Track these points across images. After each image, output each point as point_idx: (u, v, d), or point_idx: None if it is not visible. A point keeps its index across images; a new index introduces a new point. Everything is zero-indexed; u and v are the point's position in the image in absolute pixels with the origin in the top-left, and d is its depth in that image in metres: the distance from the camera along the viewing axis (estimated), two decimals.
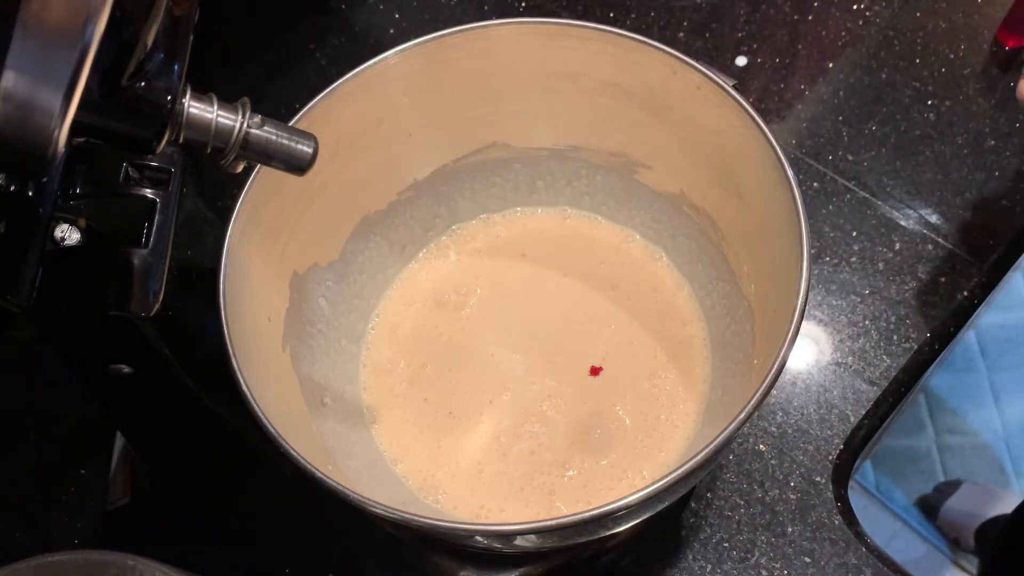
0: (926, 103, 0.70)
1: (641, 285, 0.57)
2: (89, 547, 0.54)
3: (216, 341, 0.42)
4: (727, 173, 0.50)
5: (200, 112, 0.35)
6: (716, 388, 0.52)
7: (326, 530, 0.56)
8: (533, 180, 0.59)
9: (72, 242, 0.41)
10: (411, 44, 0.50)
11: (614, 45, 0.49)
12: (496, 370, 0.55)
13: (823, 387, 0.59)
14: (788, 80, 0.73)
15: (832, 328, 0.61)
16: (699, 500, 0.55)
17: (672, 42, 0.74)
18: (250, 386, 0.41)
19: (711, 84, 0.47)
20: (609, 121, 0.54)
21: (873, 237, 0.64)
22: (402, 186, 0.56)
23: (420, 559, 0.56)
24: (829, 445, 0.56)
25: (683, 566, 0.54)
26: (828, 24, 0.75)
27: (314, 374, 0.51)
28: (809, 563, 0.53)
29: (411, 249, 0.59)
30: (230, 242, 0.44)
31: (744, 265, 0.51)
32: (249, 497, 0.58)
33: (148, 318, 0.42)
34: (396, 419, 0.54)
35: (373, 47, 0.61)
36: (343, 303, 0.55)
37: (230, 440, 0.55)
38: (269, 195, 0.47)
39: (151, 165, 0.45)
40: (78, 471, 0.59)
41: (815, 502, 0.55)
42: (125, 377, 0.46)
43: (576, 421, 0.53)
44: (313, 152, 0.38)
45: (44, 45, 0.26)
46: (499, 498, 0.51)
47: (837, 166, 0.67)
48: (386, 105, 0.52)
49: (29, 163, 0.28)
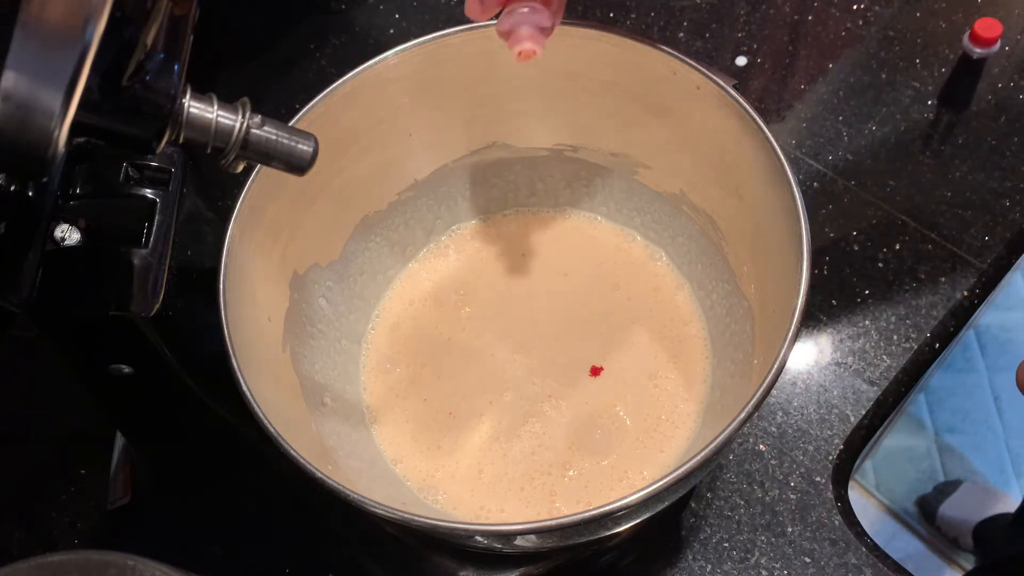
0: (926, 103, 0.70)
1: (641, 285, 0.57)
2: (89, 547, 0.54)
3: (216, 341, 0.42)
4: (727, 173, 0.50)
5: (200, 112, 0.35)
6: (716, 388, 0.52)
7: (326, 530, 0.56)
8: (533, 180, 0.59)
9: (72, 242, 0.41)
10: (411, 44, 0.50)
11: (614, 45, 0.49)
12: (496, 370, 0.55)
13: (823, 387, 0.59)
14: (788, 80, 0.73)
15: (832, 328, 0.61)
16: (699, 500, 0.55)
17: (672, 42, 0.74)
18: (250, 386, 0.41)
19: (711, 84, 0.47)
20: (609, 121, 0.54)
21: (873, 237, 0.64)
22: (402, 186, 0.56)
23: (420, 559, 0.56)
24: (829, 445, 0.56)
25: (683, 566, 0.54)
26: (828, 24, 0.75)
27: (314, 374, 0.51)
28: (809, 563, 0.53)
29: (411, 249, 0.59)
30: (230, 242, 0.44)
31: (744, 265, 0.51)
32: (249, 497, 0.58)
33: (148, 318, 0.42)
34: (396, 419, 0.54)
35: (373, 47, 0.61)
36: (343, 303, 0.55)
37: (230, 440, 0.55)
38: (269, 195, 0.47)
39: (151, 165, 0.45)
40: (78, 471, 0.59)
41: (815, 502, 0.55)
42: (125, 377, 0.46)
43: (576, 421, 0.53)
44: (313, 152, 0.38)
45: (44, 45, 0.26)
46: (499, 498, 0.51)
47: (837, 166, 0.67)
48: (386, 105, 0.52)
49: (29, 163, 0.28)
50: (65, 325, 0.43)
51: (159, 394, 0.50)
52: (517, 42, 0.41)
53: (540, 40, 0.41)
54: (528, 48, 0.41)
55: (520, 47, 0.41)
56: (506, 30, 0.42)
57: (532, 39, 0.41)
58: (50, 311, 0.41)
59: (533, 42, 0.41)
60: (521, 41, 0.41)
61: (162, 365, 0.46)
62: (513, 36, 0.41)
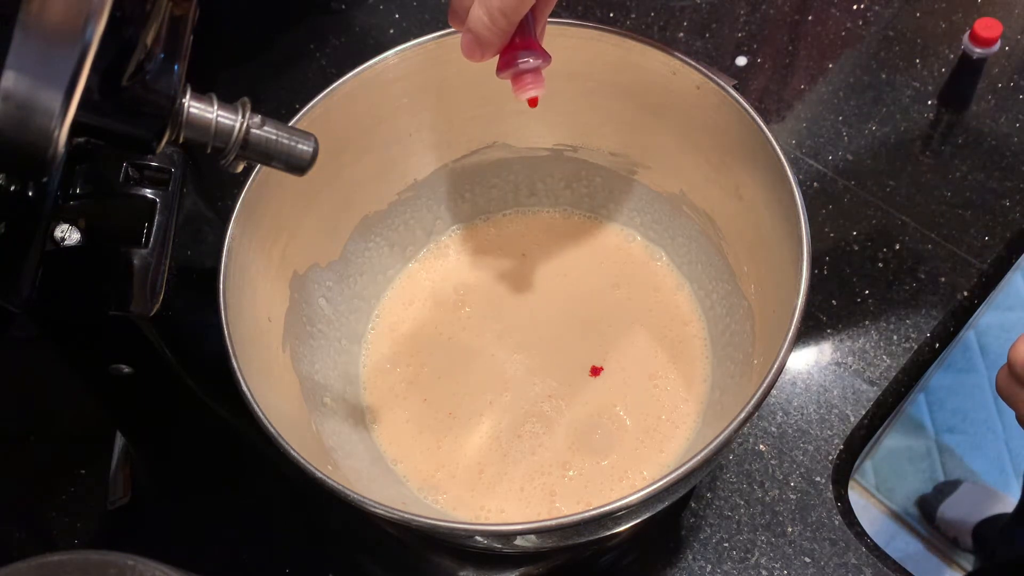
0: (926, 103, 0.70)
1: (641, 285, 0.57)
2: (89, 547, 0.54)
3: (216, 341, 0.42)
4: (727, 173, 0.50)
5: (200, 112, 0.35)
6: (716, 388, 0.52)
7: (326, 530, 0.56)
8: (533, 180, 0.59)
9: (72, 242, 0.41)
10: (411, 44, 0.50)
11: (614, 45, 0.49)
12: (496, 370, 0.55)
13: (823, 387, 0.59)
14: (788, 80, 0.73)
15: (832, 328, 0.61)
16: (699, 500, 0.55)
17: (672, 42, 0.74)
18: (250, 386, 0.41)
19: (711, 84, 0.47)
20: (609, 121, 0.54)
21: (873, 237, 0.64)
22: (402, 186, 0.56)
23: (420, 559, 0.56)
24: (829, 445, 0.56)
25: (683, 566, 0.54)
26: (828, 24, 0.75)
27: (314, 374, 0.51)
28: (809, 563, 0.53)
29: (411, 249, 0.59)
30: (230, 242, 0.44)
31: (744, 265, 0.51)
32: (249, 497, 0.58)
33: (148, 318, 0.42)
34: (396, 419, 0.54)
35: (373, 47, 0.61)
36: (343, 303, 0.55)
37: (230, 440, 0.55)
38: (269, 195, 0.47)
39: (151, 165, 0.45)
40: (78, 471, 0.59)
41: (815, 502, 0.55)
42: (125, 377, 0.46)
43: (576, 421, 0.53)
44: (313, 152, 0.38)
45: (44, 45, 0.26)
46: (499, 498, 0.51)
47: (837, 166, 0.67)
48: (386, 105, 0.52)
49: (29, 163, 0.28)
50: (65, 325, 0.43)
51: (159, 394, 0.50)
52: (523, 90, 0.43)
53: (541, 82, 0.43)
54: (534, 95, 0.43)
55: (526, 95, 0.43)
56: (509, 78, 0.43)
57: (536, 85, 0.42)
58: (50, 311, 0.41)
59: (537, 87, 0.43)
60: (526, 89, 0.42)
61: (162, 365, 0.46)
62: (518, 84, 0.43)
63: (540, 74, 0.43)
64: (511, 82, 0.43)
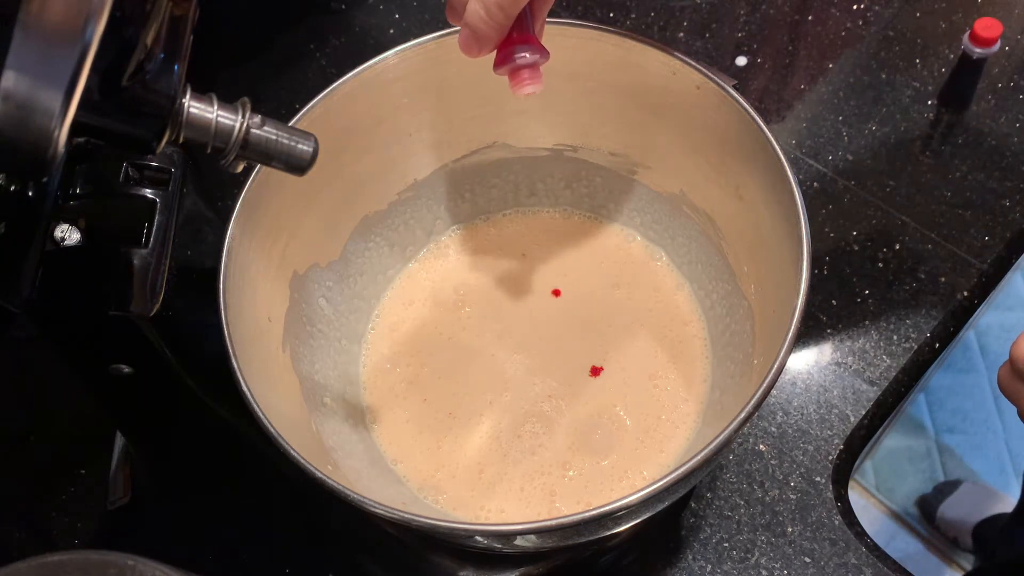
0: (926, 103, 0.70)
1: (641, 285, 0.57)
2: (89, 547, 0.54)
3: (216, 341, 0.42)
4: (727, 173, 0.50)
5: (200, 112, 0.35)
6: (716, 388, 0.52)
7: (326, 530, 0.56)
8: (533, 180, 0.59)
9: (72, 242, 0.41)
10: (411, 44, 0.50)
11: (614, 45, 0.49)
12: (496, 370, 0.55)
13: (823, 387, 0.59)
14: (788, 80, 0.73)
15: (832, 328, 0.61)
16: (699, 500, 0.55)
17: (672, 42, 0.74)
18: (250, 386, 0.41)
19: (711, 84, 0.47)
20: (609, 121, 0.54)
21: (873, 237, 0.64)
22: (402, 186, 0.56)
23: (420, 559, 0.56)
24: (829, 445, 0.56)
25: (683, 566, 0.54)
26: (828, 24, 0.75)
27: (314, 374, 0.51)
28: (809, 563, 0.53)
29: (411, 249, 0.59)
30: (230, 242, 0.44)
31: (744, 265, 0.51)
32: (249, 497, 0.58)
33: (148, 318, 0.42)
34: (396, 419, 0.54)
35: (373, 47, 0.61)
36: (343, 303, 0.55)
37: (230, 440, 0.55)
38: (269, 195, 0.47)
39: (151, 165, 0.45)
40: (78, 471, 0.59)
41: (815, 502, 0.55)
42: (125, 377, 0.46)
43: (576, 421, 0.53)
44: (313, 152, 0.38)
45: (44, 45, 0.26)
46: (499, 498, 0.51)
47: (837, 166, 0.67)
48: (386, 105, 0.52)
49: (29, 163, 0.28)
50: (65, 325, 0.43)
51: (159, 394, 0.50)
52: (520, 86, 0.42)
53: (539, 78, 0.43)
54: (531, 91, 0.43)
55: (524, 91, 0.43)
56: (506, 74, 0.43)
57: (533, 81, 0.42)
58: (50, 311, 0.41)
59: (534, 84, 0.42)
60: (523, 85, 0.42)
61: (162, 365, 0.46)
62: (515, 79, 0.43)
63: (538, 70, 0.42)
64: (508, 78, 0.43)
